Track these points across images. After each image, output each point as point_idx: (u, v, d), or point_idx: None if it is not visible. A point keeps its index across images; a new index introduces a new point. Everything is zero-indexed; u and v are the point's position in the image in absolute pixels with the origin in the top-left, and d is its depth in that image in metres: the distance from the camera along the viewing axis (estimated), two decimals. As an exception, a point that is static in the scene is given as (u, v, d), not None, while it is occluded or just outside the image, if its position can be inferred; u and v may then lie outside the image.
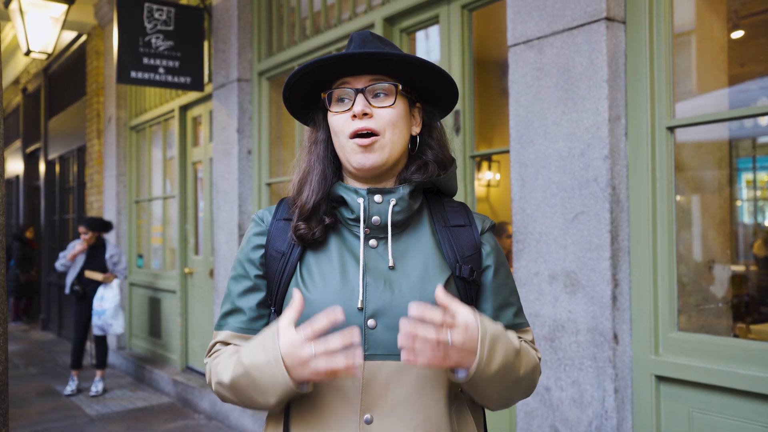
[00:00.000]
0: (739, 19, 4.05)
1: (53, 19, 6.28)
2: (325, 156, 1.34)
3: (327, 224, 1.30)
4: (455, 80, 1.28)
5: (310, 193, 1.30)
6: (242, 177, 4.99)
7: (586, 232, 2.51)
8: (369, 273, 1.26)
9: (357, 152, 1.27)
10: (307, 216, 1.30)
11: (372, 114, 1.27)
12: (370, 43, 1.31)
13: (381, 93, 1.29)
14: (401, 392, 1.22)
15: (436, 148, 1.36)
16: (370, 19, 3.88)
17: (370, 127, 1.26)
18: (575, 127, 2.55)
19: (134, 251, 7.68)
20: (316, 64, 1.27)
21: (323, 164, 1.33)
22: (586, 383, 2.52)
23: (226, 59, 5.13)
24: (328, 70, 1.29)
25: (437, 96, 1.37)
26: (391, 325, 1.22)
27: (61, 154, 9.77)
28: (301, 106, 1.40)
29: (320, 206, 1.31)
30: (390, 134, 1.28)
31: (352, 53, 1.25)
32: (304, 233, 1.29)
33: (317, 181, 1.32)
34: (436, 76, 1.31)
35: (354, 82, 1.29)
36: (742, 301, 4.32)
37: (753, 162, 6.23)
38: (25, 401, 5.98)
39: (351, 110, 1.27)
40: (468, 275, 1.29)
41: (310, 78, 1.31)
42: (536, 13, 2.72)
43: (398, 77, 1.30)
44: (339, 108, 1.30)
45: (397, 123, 1.29)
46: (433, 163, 1.34)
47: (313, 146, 1.37)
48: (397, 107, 1.29)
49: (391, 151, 1.29)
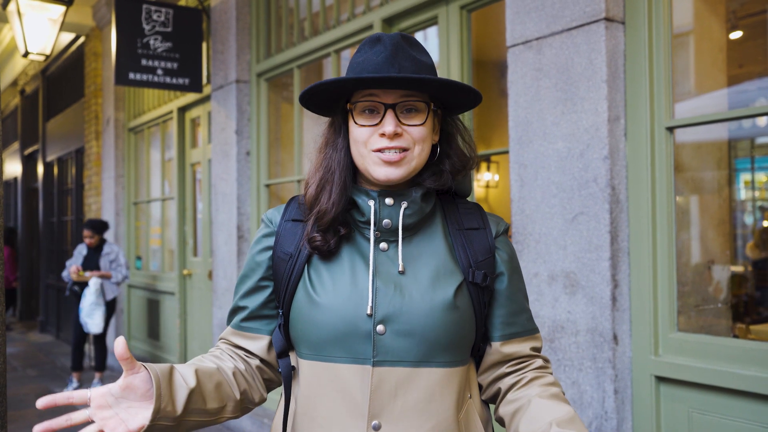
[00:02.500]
0: (738, 19, 4.06)
1: (51, 20, 6.27)
2: (346, 165, 1.28)
3: (342, 235, 1.27)
4: (454, 81, 1.25)
5: (329, 205, 1.25)
6: (241, 178, 4.99)
7: (586, 233, 2.51)
8: (379, 277, 1.24)
9: (381, 165, 1.22)
10: (326, 228, 1.26)
11: (402, 134, 1.22)
12: (402, 52, 1.23)
13: (411, 109, 1.23)
14: (410, 399, 1.20)
15: (454, 158, 1.32)
16: (369, 20, 3.88)
17: (400, 146, 1.21)
18: (574, 128, 2.55)
19: (133, 253, 7.66)
20: (348, 81, 1.20)
21: (344, 174, 1.27)
22: (586, 384, 2.51)
23: (225, 60, 5.13)
24: (360, 85, 1.22)
25: (460, 105, 1.33)
26: (400, 332, 1.20)
27: (60, 155, 9.76)
28: (319, 107, 1.34)
29: (338, 217, 1.27)
30: (418, 149, 1.24)
31: (391, 78, 1.17)
32: (320, 245, 1.26)
33: (338, 192, 1.26)
34: (470, 96, 1.27)
35: (384, 96, 1.22)
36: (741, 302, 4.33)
37: (751, 163, 6.23)
38: (23, 403, 5.96)
39: (379, 126, 1.22)
40: (481, 281, 1.27)
41: (335, 86, 1.25)
42: (535, 14, 2.72)
43: (430, 94, 1.25)
44: (365, 121, 1.23)
45: (426, 139, 1.25)
46: (449, 173, 1.31)
47: (332, 151, 1.30)
48: (427, 125, 1.25)
49: (417, 165, 1.25)
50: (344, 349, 1.21)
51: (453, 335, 1.23)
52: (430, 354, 1.21)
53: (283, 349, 1.32)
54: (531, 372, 1.31)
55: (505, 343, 1.32)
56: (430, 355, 1.21)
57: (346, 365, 1.21)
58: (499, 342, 1.32)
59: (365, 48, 1.27)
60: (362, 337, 1.21)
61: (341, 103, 1.29)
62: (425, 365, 1.21)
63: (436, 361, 1.22)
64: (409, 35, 1.29)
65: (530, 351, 1.34)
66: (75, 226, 9.06)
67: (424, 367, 1.21)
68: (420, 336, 1.21)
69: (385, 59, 1.21)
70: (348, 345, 1.21)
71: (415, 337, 1.20)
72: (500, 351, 1.32)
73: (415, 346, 1.21)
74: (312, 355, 1.25)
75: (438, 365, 1.22)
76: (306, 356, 1.27)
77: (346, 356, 1.21)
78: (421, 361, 1.21)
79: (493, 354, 1.33)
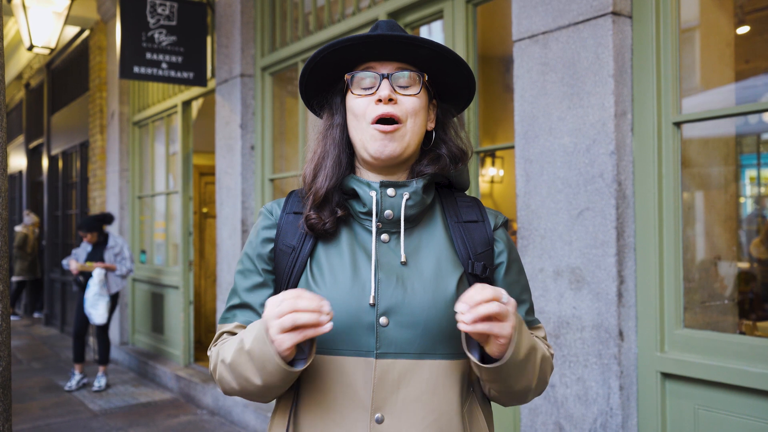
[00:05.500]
0: (745, 14, 4.03)
1: (56, 14, 6.28)
2: (341, 140, 1.31)
3: (339, 216, 1.28)
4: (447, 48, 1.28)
5: (324, 179, 1.27)
6: (245, 172, 4.98)
7: (592, 229, 2.49)
8: (381, 269, 1.24)
9: (377, 139, 1.24)
10: (320, 204, 1.27)
11: (396, 100, 1.25)
12: (398, 29, 1.29)
13: (406, 81, 1.27)
14: (413, 391, 1.20)
15: (450, 144, 1.35)
16: (374, 14, 3.86)
17: (393, 113, 1.24)
18: (581, 123, 2.54)
19: (137, 247, 7.68)
20: (346, 42, 1.25)
21: (338, 149, 1.30)
22: (591, 380, 2.51)
23: (229, 54, 5.12)
24: (355, 50, 1.26)
25: (454, 94, 1.36)
26: (403, 323, 1.20)
27: (64, 149, 9.77)
28: (316, 91, 1.37)
29: (333, 195, 1.28)
30: (411, 123, 1.26)
31: (385, 35, 1.23)
32: (315, 223, 1.27)
33: (331, 166, 1.28)
34: (461, 70, 1.30)
35: (380, 67, 1.27)
36: (747, 298, 4.31)
37: (757, 158, 6.20)
38: (28, 396, 5.99)
39: (375, 94, 1.25)
40: (481, 272, 1.27)
41: (333, 58, 1.28)
42: (541, 8, 2.70)
43: (424, 68, 1.29)
44: (362, 92, 1.27)
45: (419, 113, 1.27)
46: (446, 156, 1.33)
47: (328, 131, 1.33)
48: (421, 97, 1.28)
49: (410, 141, 1.27)
50: (347, 341, 1.21)
51: (455, 327, 1.21)
52: (432, 346, 1.21)
53: None
54: None
55: None
56: (433, 346, 1.21)
57: (348, 358, 1.21)
58: None
59: None
60: (365, 329, 1.20)
61: (339, 85, 1.33)
62: (428, 357, 1.21)
63: (439, 353, 1.22)
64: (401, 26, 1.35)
65: None
66: (79, 219, 9.08)
67: (427, 359, 1.21)
68: (423, 327, 1.21)
69: (381, 33, 1.26)
70: (351, 337, 1.21)
71: (418, 329, 1.20)
72: None
73: (419, 338, 1.21)
74: None
75: (440, 357, 1.22)
76: None
77: (348, 348, 1.21)
78: (423, 352, 1.21)
79: None
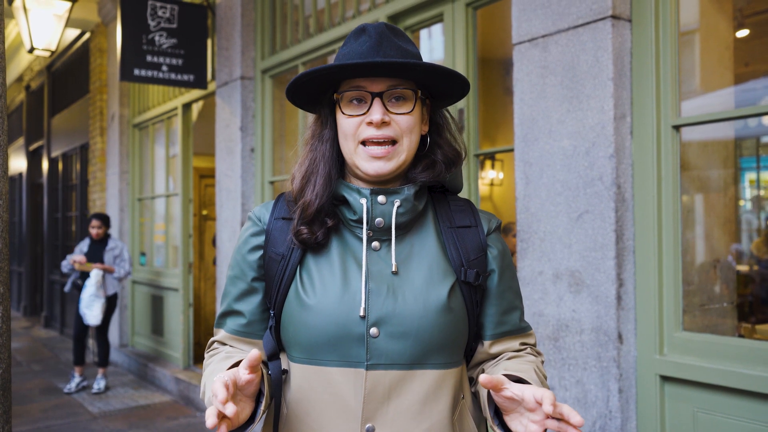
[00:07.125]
0: (744, 17, 4.04)
1: (57, 16, 6.28)
2: (331, 156, 1.26)
3: (329, 226, 1.25)
4: (440, 65, 1.24)
5: (313, 197, 1.23)
6: (245, 175, 4.99)
7: (591, 231, 2.50)
8: (372, 278, 1.21)
9: (369, 160, 1.20)
10: (310, 220, 1.24)
11: (390, 122, 1.20)
12: (387, 40, 1.21)
13: (399, 98, 1.22)
14: (404, 402, 1.18)
15: (446, 148, 1.30)
16: (374, 16, 3.87)
17: (388, 135, 1.20)
18: (580, 126, 2.54)
19: (137, 249, 7.68)
20: (332, 69, 1.18)
21: (328, 165, 1.25)
22: (590, 383, 2.51)
23: (230, 57, 5.13)
24: (344, 71, 1.20)
25: (447, 95, 1.31)
26: (394, 334, 1.18)
27: (64, 151, 9.78)
28: (306, 100, 1.33)
29: (323, 209, 1.24)
30: (407, 141, 1.22)
31: (376, 62, 1.16)
32: (306, 238, 1.23)
33: (322, 183, 1.24)
34: (456, 82, 1.25)
35: (371, 86, 1.20)
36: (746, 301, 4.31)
37: (757, 161, 6.21)
38: (27, 398, 5.98)
39: (366, 115, 1.20)
40: (474, 280, 1.25)
41: (320, 76, 1.23)
42: (541, 11, 2.71)
43: (417, 81, 1.23)
44: (352, 111, 1.22)
45: (414, 129, 1.23)
46: (442, 163, 1.28)
47: (317, 143, 1.28)
48: (415, 113, 1.23)
49: (406, 157, 1.23)
50: (337, 352, 1.19)
51: (447, 336, 1.21)
52: (424, 356, 1.19)
53: (273, 352, 1.27)
54: (512, 353, 1.31)
55: (495, 342, 1.31)
56: (425, 357, 1.20)
57: (338, 369, 1.19)
58: (490, 341, 1.31)
59: (350, 40, 1.25)
60: (355, 340, 1.18)
61: (328, 95, 1.28)
62: (419, 367, 1.20)
63: (431, 363, 1.20)
64: (394, 25, 1.27)
65: (519, 346, 1.33)
66: (79, 221, 9.08)
67: (418, 369, 1.19)
68: (414, 338, 1.18)
69: (369, 48, 1.20)
70: (340, 348, 1.19)
71: (409, 339, 1.18)
72: (490, 350, 1.31)
73: (409, 349, 1.18)
74: (303, 359, 1.22)
75: (432, 367, 1.21)
76: (297, 360, 1.24)
77: (338, 360, 1.19)
78: (414, 363, 1.19)
79: (483, 353, 1.32)
